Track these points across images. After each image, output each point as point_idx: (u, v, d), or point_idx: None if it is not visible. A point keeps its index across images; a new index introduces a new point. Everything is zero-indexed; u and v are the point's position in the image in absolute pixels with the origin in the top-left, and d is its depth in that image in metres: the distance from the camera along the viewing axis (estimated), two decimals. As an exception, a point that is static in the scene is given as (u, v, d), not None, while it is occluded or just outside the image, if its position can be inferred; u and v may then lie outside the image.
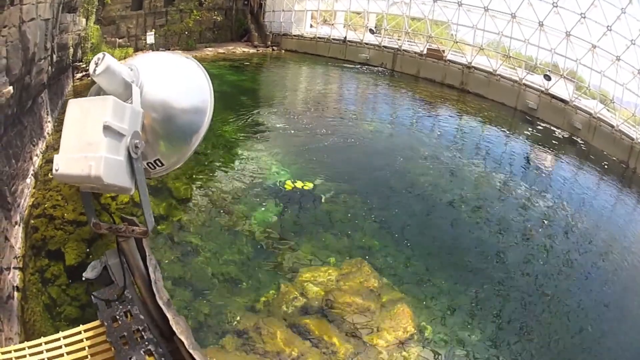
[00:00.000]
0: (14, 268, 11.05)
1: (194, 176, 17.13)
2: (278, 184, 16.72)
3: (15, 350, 5.08)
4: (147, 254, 4.74)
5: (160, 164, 3.44)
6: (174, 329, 4.66)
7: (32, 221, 13.34)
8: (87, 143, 2.82)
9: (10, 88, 11.30)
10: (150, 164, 3.42)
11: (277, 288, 12.06)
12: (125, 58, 28.75)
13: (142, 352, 5.70)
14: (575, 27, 24.63)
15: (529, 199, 17.71)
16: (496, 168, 20.14)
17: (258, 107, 26.18)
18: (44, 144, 16.67)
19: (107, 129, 2.81)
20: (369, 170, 19.00)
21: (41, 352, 5.38)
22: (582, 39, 24.47)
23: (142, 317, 6.19)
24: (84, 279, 4.60)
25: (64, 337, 5.86)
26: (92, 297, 7.12)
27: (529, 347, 11.26)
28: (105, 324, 6.41)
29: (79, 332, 6.14)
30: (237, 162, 18.63)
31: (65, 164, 2.84)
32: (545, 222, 16.43)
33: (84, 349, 5.70)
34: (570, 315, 12.38)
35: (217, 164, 18.41)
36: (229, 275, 12.49)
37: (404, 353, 10.59)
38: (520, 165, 20.98)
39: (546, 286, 13.39)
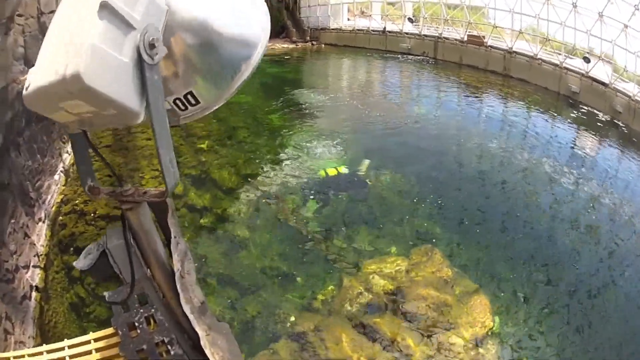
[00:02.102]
0: (34, 266, 9.90)
1: (239, 165, 15.48)
2: (328, 171, 14.87)
3: (15, 358, 4.56)
4: (172, 234, 3.40)
5: (189, 103, 2.56)
6: (206, 350, 3.16)
7: (61, 218, 12.00)
8: (72, 36, 1.95)
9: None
10: (179, 101, 2.55)
11: (338, 283, 10.16)
12: None
13: None
14: (607, 8, 23.16)
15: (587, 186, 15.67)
16: (547, 152, 18.24)
17: (302, 96, 24.82)
18: (76, 142, 15.27)
19: (105, 8, 1.92)
20: (420, 154, 17.29)
21: (42, 363, 4.41)
22: (614, 18, 22.93)
23: (167, 324, 4.48)
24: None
25: (70, 347, 4.83)
26: (106, 298, 5.57)
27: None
28: (120, 332, 4.73)
29: (88, 342, 4.90)
30: (283, 150, 16.99)
31: (38, 76, 2.02)
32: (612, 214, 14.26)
33: None
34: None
35: (263, 152, 16.79)
36: (281, 271, 10.71)
37: (481, 351, 8.64)
38: (570, 150, 19.16)
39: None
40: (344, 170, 14.96)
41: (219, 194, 13.68)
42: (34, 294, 9.40)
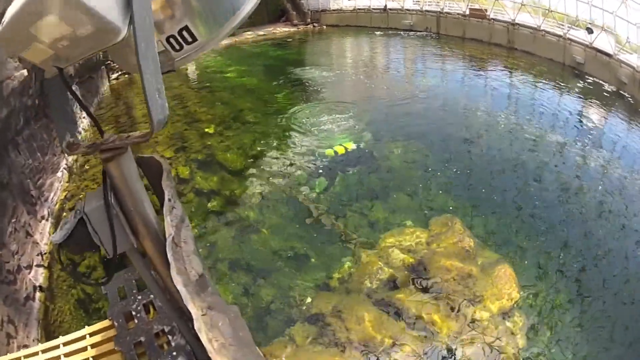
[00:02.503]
0: (37, 266, 9.63)
1: (245, 147, 14.98)
2: (337, 147, 14.25)
3: (11, 360, 4.19)
4: (166, 196, 2.91)
5: (184, 41, 2.26)
6: (201, 335, 2.45)
7: (64, 214, 11.57)
8: None
9: (24, 72, 10.41)
10: (173, 40, 2.23)
11: (355, 260, 9.53)
12: None
13: None
14: None
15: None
16: (556, 123, 17.51)
17: (306, 75, 24.26)
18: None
19: None
20: (428, 126, 16.62)
21: (37, 363, 4.10)
22: None
23: (167, 311, 3.87)
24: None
25: (64, 344, 4.26)
26: (102, 286, 5.00)
27: None
28: (116, 324, 4.14)
29: (84, 337, 4.31)
30: (290, 129, 16.39)
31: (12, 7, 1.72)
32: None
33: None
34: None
35: (270, 132, 16.22)
36: (294, 252, 10.11)
37: (509, 324, 7.98)
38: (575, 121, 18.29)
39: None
40: (352, 146, 14.34)
41: (227, 176, 13.15)
42: (37, 294, 9.07)
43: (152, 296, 4.47)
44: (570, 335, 7.93)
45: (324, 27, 38.57)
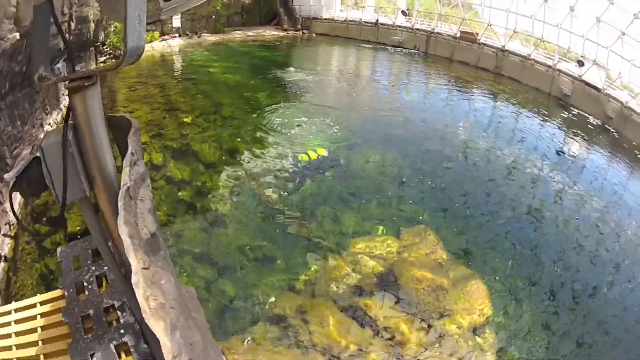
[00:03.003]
0: (4, 235, 9.29)
1: (222, 141, 14.61)
2: (311, 152, 14.01)
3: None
4: (129, 150, 2.65)
5: None
6: (137, 291, 2.14)
7: None
8: None
9: (17, 34, 10.05)
10: None
11: (322, 264, 9.20)
12: (150, 42, 28.15)
13: (112, 345, 2.90)
14: (605, 13, 22.63)
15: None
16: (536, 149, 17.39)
17: (290, 77, 23.95)
18: (59, 115, 14.92)
19: None
20: (407, 139, 16.43)
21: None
22: (611, 25, 22.30)
23: (119, 285, 3.54)
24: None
25: (16, 310, 3.99)
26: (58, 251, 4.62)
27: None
28: (66, 294, 3.77)
29: (34, 305, 3.94)
30: (268, 128, 16.03)
31: None
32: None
33: (35, 330, 3.72)
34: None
35: (248, 129, 15.86)
36: (261, 250, 9.76)
37: (479, 340, 7.77)
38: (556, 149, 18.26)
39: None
40: (327, 151, 14.13)
41: (200, 167, 12.75)
42: (1, 264, 8.75)
43: (105, 268, 4.10)
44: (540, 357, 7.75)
45: (314, 34, 38.33)
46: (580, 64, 23.69)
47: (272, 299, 8.25)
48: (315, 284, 8.64)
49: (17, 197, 10.22)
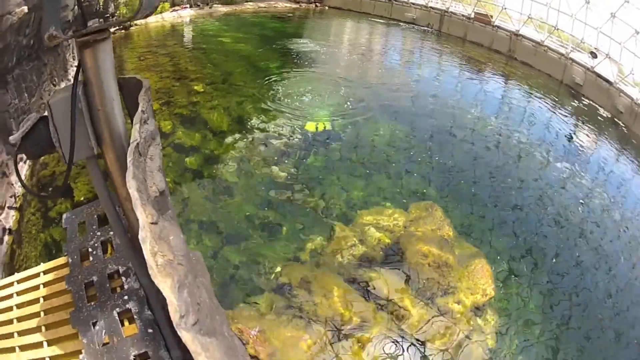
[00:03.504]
0: (10, 207, 9.26)
1: (231, 109, 14.46)
2: (320, 122, 13.95)
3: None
4: (140, 108, 2.55)
5: None
6: (144, 246, 2.09)
7: (42, 158, 10.93)
8: None
9: (25, 8, 9.77)
10: None
11: (329, 234, 9.11)
12: (161, 12, 27.63)
13: (115, 313, 2.82)
14: (620, 10, 22.05)
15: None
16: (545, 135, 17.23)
17: (301, 49, 23.66)
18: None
19: None
20: (416, 114, 16.36)
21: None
22: (626, 22, 21.80)
23: (125, 249, 3.44)
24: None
25: (19, 282, 3.80)
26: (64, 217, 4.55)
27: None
28: (70, 261, 3.70)
29: (37, 275, 3.85)
30: (278, 98, 15.81)
31: None
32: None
33: (38, 300, 3.50)
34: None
35: (257, 98, 15.60)
36: (267, 219, 9.70)
37: (479, 321, 7.70)
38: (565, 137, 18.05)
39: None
40: (337, 122, 14.09)
41: (209, 135, 12.65)
42: (6, 237, 8.69)
43: (111, 233, 4.02)
44: (540, 342, 7.72)
45: (326, 7, 37.71)
46: (593, 55, 23.41)
47: (278, 269, 8.22)
48: (322, 254, 8.60)
49: (22, 171, 10.36)
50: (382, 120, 14.72)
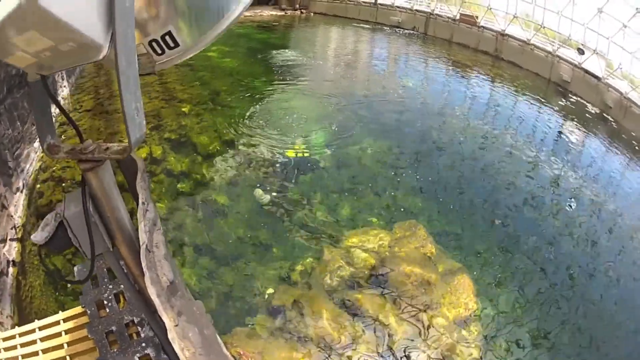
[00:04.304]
0: (11, 240, 9.41)
1: (220, 130, 14.83)
2: (312, 140, 14.42)
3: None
4: (140, 199, 2.90)
5: (166, 46, 2.18)
6: (175, 345, 2.57)
7: (38, 186, 11.45)
8: None
9: None
10: (155, 44, 2.17)
11: (318, 255, 9.62)
12: None
13: (136, 357, 3.44)
14: (607, 4, 22.48)
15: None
16: (533, 136, 17.72)
17: (288, 62, 24.05)
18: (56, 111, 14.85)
19: None
20: (403, 126, 16.85)
21: (15, 347, 4.20)
22: (613, 16, 22.26)
23: (136, 304, 3.99)
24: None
25: (40, 329, 4.32)
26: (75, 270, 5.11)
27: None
28: (89, 312, 4.25)
29: (58, 323, 4.39)
30: (268, 116, 16.27)
31: None
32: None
33: (62, 346, 4.00)
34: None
35: (246, 117, 16.02)
36: (258, 240, 10.17)
37: (464, 333, 8.23)
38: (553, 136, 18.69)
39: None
40: (327, 139, 14.53)
41: (199, 159, 13.05)
42: (10, 269, 8.90)
43: (122, 286, 4.55)
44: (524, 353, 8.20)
45: (312, 14, 38.28)
46: (581, 52, 23.79)
47: (270, 290, 8.70)
48: (311, 276, 9.08)
49: (20, 201, 10.55)
50: (368, 135, 15.17)
